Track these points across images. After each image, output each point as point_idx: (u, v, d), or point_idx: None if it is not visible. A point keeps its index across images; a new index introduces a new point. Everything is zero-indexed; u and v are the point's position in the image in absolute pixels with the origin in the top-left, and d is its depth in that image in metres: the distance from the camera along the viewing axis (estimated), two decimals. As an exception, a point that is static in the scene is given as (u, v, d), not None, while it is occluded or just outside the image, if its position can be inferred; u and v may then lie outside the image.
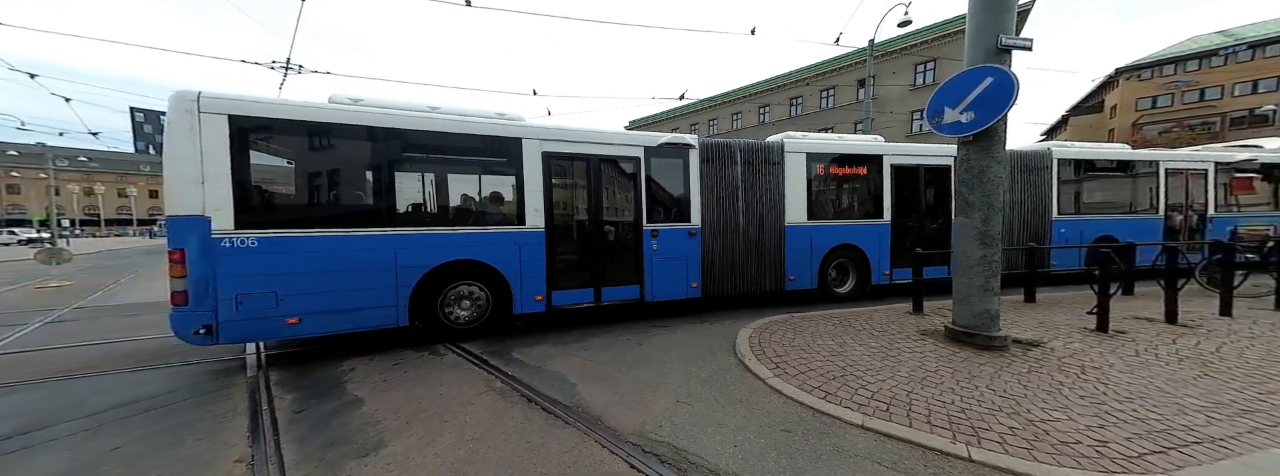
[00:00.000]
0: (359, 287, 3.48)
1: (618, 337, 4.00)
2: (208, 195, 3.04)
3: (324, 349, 3.79)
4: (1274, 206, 7.46)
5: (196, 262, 3.02)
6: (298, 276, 3.28)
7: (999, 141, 3.23)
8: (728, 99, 31.70)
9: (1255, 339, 3.39)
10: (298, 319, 3.30)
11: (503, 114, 4.17)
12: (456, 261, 3.80)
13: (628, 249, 4.49)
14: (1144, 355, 3.07)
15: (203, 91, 3.07)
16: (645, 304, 4.58)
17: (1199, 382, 2.57)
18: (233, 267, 3.11)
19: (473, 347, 3.74)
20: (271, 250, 3.21)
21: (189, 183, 3.01)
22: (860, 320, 4.24)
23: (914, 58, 21.56)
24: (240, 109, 3.15)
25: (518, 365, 3.32)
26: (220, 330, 3.08)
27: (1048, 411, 2.24)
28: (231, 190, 3.11)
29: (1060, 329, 3.77)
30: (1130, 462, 1.79)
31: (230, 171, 3.10)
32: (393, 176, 3.66)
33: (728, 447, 2.04)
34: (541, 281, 4.11)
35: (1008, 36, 3.10)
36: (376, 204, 3.60)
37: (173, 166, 3.01)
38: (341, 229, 3.46)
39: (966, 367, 2.87)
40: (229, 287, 3.09)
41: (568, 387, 2.83)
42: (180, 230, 3.01)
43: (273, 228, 3.26)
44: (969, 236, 3.32)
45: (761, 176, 5.02)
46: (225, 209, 3.09)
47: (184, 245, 3.00)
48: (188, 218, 3.01)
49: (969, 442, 1.97)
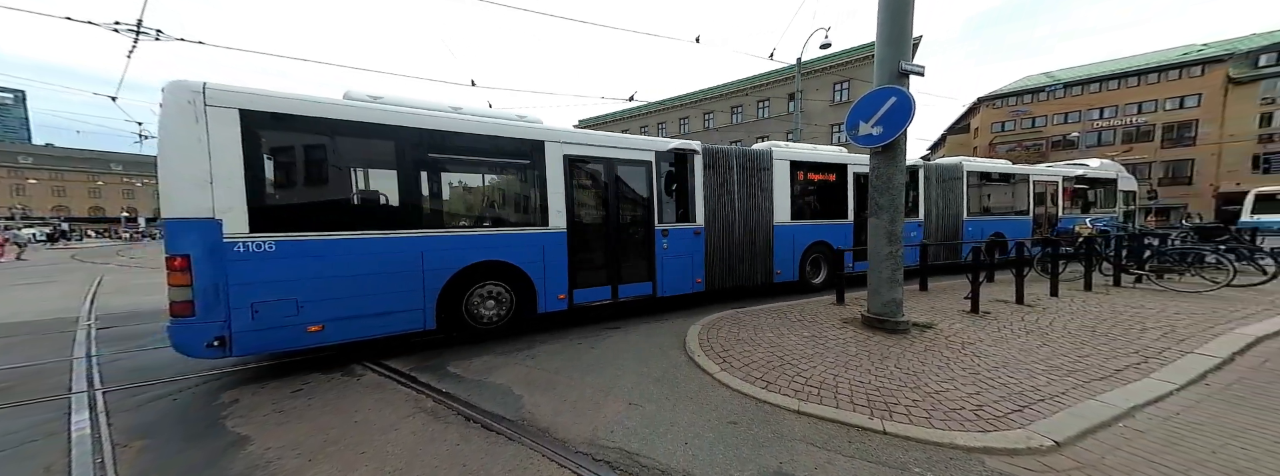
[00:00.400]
0: (385, 291, 3.36)
1: (569, 343, 3.87)
2: (218, 196, 2.80)
3: (204, 382, 3.10)
4: (1104, 208, 10.22)
5: (204, 269, 2.75)
6: (320, 281, 3.11)
7: (901, 153, 3.75)
8: (676, 104, 32.72)
9: (1073, 314, 4.37)
10: (320, 326, 3.13)
11: (524, 116, 4.27)
12: (483, 262, 3.79)
13: (641, 248, 4.72)
14: (1003, 331, 3.78)
15: (208, 82, 2.79)
16: (657, 299, 4.85)
17: (1040, 351, 3.23)
18: (248, 274, 2.88)
19: (398, 365, 3.34)
20: (291, 254, 3.01)
21: (194, 182, 2.75)
22: (795, 312, 4.62)
23: (833, 76, 24.33)
24: (253, 103, 2.93)
25: (454, 380, 3.03)
26: (234, 342, 2.85)
27: (940, 383, 2.64)
28: (245, 191, 2.88)
29: (946, 312, 4.49)
30: (1000, 421, 2.18)
31: (243, 170, 2.87)
32: (418, 177, 3.57)
33: (679, 446, 2.07)
34: (564, 280, 4.21)
35: (906, 63, 3.62)
36: (402, 205, 3.49)
37: (173, 164, 2.72)
38: (366, 232, 3.31)
39: (879, 350, 3.28)
40: (243, 295, 2.87)
41: (512, 400, 2.65)
42: (184, 234, 2.74)
43: (291, 230, 3.04)
44: (879, 235, 3.81)
45: (754, 181, 5.50)
46: (238, 211, 2.86)
47: (188, 250, 2.73)
48: (193, 220, 2.75)
49: (883, 417, 2.24)
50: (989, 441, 1.99)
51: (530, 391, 2.77)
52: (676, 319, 4.63)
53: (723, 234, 5.26)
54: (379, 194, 3.53)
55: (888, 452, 1.97)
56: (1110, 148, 31.68)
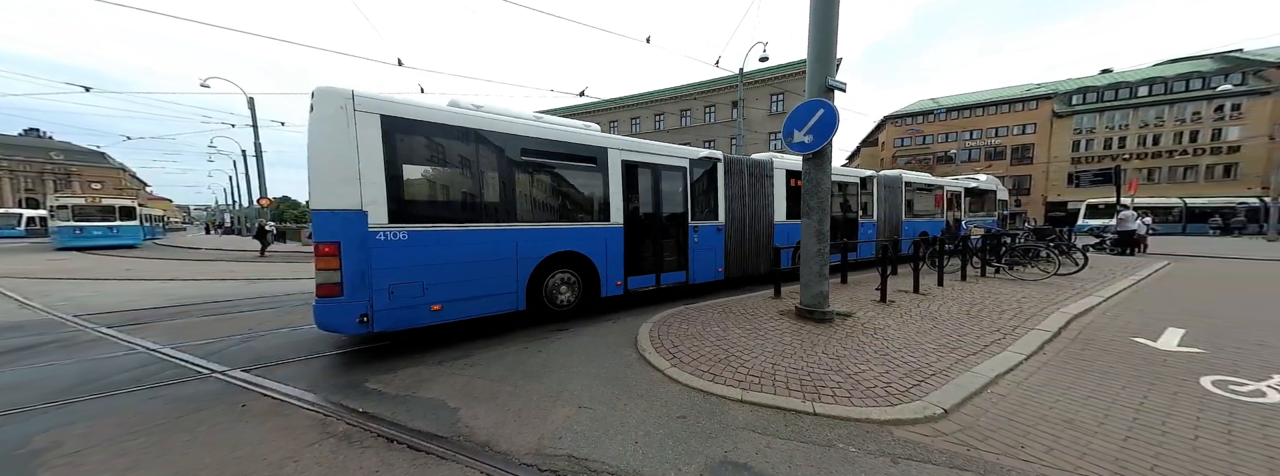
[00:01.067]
0: (488, 276, 3.84)
1: (512, 347, 3.64)
2: (365, 191, 3.16)
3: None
4: (986, 213, 13.11)
5: (352, 255, 3.11)
6: (440, 267, 3.52)
7: (828, 160, 4.16)
8: (629, 103, 32.80)
9: (954, 300, 5.24)
10: (440, 306, 3.54)
11: (589, 126, 4.91)
12: (561, 252, 4.35)
13: (677, 241, 5.51)
14: (905, 317, 4.40)
15: (355, 90, 3.17)
16: (689, 286, 5.64)
17: (932, 333, 3.81)
18: (386, 259, 3.25)
19: (298, 386, 2.87)
20: (418, 243, 3.41)
21: (343, 179, 3.10)
22: (738, 307, 4.89)
23: (770, 88, 26.29)
24: (391, 109, 3.31)
25: (375, 398, 2.68)
26: (375, 319, 3.21)
27: (858, 366, 2.98)
28: (385, 186, 3.25)
29: (862, 302, 5.10)
30: (904, 395, 2.51)
31: (384, 168, 3.25)
32: (513, 177, 4.06)
33: (629, 445, 2.05)
34: (620, 269, 4.87)
35: (832, 79, 4.02)
36: (502, 201, 3.98)
37: (324, 162, 3.08)
38: (475, 224, 3.78)
39: (810, 338, 3.60)
40: (383, 278, 3.23)
41: (446, 414, 2.41)
42: (334, 224, 3.09)
43: (419, 222, 3.44)
44: (810, 234, 4.18)
45: (760, 185, 6.49)
46: (380, 204, 3.23)
47: (338, 238, 3.08)
48: (343, 211, 3.10)
49: (814, 399, 2.46)
50: (895, 414, 2.29)
51: (468, 403, 2.55)
52: (628, 317, 4.63)
53: (738, 230, 6.14)
54: (485, 190, 3.93)
55: (818, 431, 2.16)
56: (977, 164, 38.83)
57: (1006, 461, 1.88)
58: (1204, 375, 2.80)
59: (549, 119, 4.58)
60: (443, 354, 3.48)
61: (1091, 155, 36.18)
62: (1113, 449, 1.96)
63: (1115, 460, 1.87)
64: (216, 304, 5.82)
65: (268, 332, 4.27)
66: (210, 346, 3.82)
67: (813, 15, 4.01)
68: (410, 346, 3.67)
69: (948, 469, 1.84)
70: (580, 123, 4.84)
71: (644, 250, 5.14)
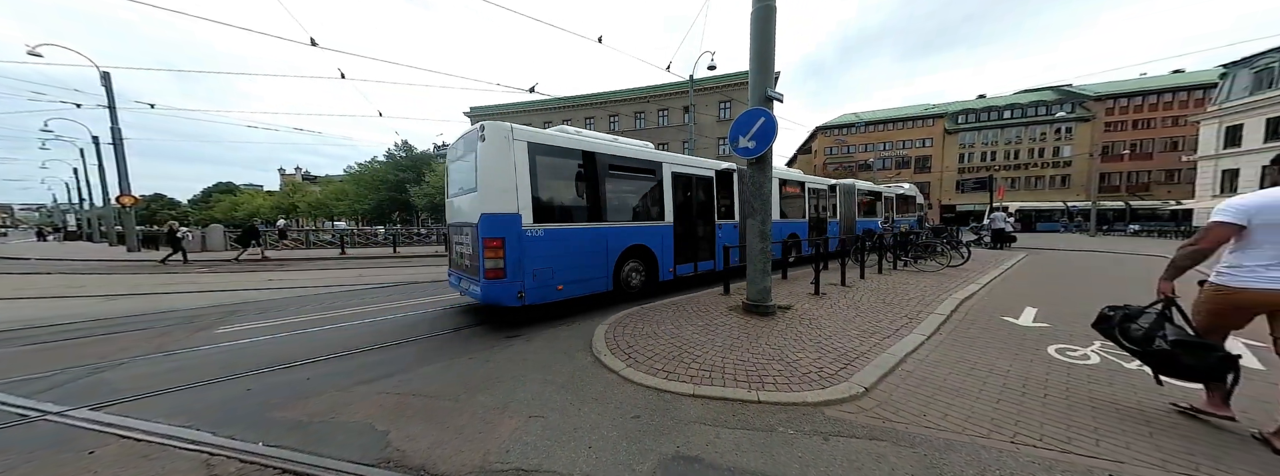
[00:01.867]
0: (590, 264, 4.94)
1: (459, 358, 3.39)
2: (519, 199, 4.26)
3: None
4: (911, 214, 16.13)
5: (512, 247, 4.19)
6: (562, 256, 4.65)
7: (769, 164, 4.48)
8: (584, 102, 32.22)
9: (874, 291, 5.95)
10: (562, 287, 4.62)
11: (647, 145, 6.31)
12: (634, 245, 5.46)
13: (709, 236, 6.83)
14: (833, 307, 4.89)
15: (513, 126, 4.31)
16: (716, 272, 6.75)
17: (856, 320, 4.29)
18: (532, 250, 4.35)
19: (174, 422, 2.38)
20: (550, 238, 4.54)
21: (505, 190, 4.19)
22: (691, 304, 5.06)
23: (718, 96, 27.64)
24: (532, 137, 4.46)
25: (281, 428, 2.31)
26: (527, 295, 4.31)
27: (796, 354, 3.24)
28: (530, 195, 4.36)
29: (798, 295, 5.57)
30: (834, 377, 2.79)
31: (529, 182, 4.35)
32: (603, 186, 5.14)
33: (582, 451, 2.01)
34: (671, 258, 6.07)
35: (771, 90, 4.34)
36: (597, 205, 5.06)
37: (491, 177, 4.17)
38: (582, 223, 4.91)
39: (755, 332, 3.84)
40: (530, 264, 4.33)
41: (374, 439, 2.17)
42: (498, 224, 4.15)
43: (550, 222, 4.57)
44: (754, 233, 4.46)
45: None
46: (527, 209, 4.33)
47: (502, 234, 4.15)
48: (505, 215, 4.19)
49: (758, 388, 2.63)
50: (826, 395, 2.54)
51: (399, 424, 2.32)
52: (582, 321, 4.56)
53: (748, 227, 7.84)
54: (588, 197, 5.02)
55: (761, 418, 2.32)
56: (890, 171, 44.63)
57: (914, 429, 2.18)
58: (1050, 344, 3.50)
59: (622, 140, 5.90)
60: (369, 372, 3.13)
61: (973, 166, 43.62)
62: (988, 410, 2.37)
63: (990, 419, 2.26)
64: (54, 328, 4.60)
65: (131, 360, 3.48)
66: (40, 382, 3.01)
67: (753, 32, 4.29)
68: (331, 369, 3.24)
69: (868, 440, 2.09)
70: (639, 141, 6.19)
71: (687, 243, 6.41)
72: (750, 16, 4.29)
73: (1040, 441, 2.04)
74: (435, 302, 5.77)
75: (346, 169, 39.07)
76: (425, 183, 30.16)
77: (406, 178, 33.00)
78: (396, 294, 6.48)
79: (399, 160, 34.51)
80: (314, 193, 44.85)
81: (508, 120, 15.36)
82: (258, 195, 56.38)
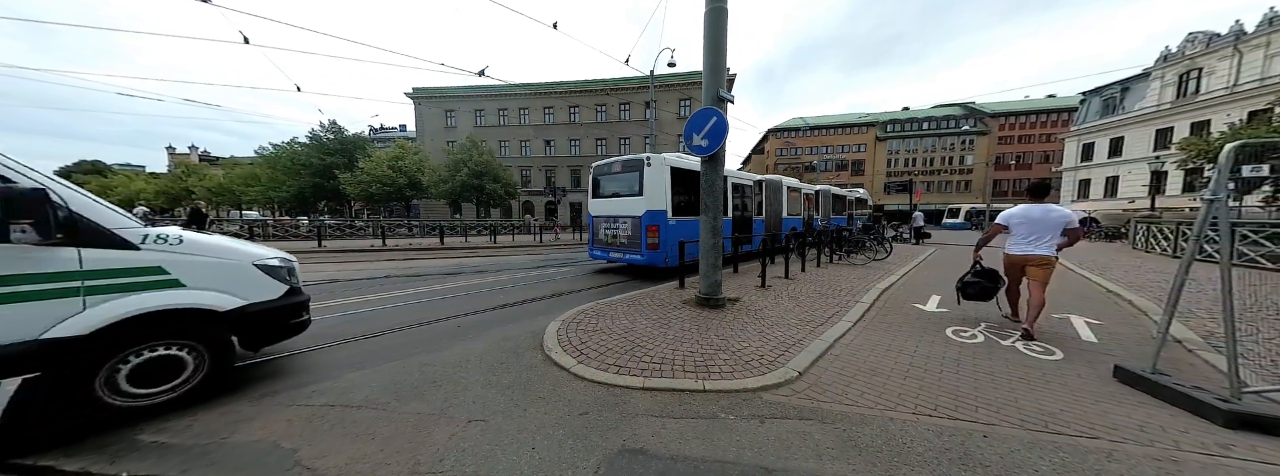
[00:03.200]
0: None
1: (391, 363, 3.12)
2: (668, 202, 7.23)
3: None
4: (862, 213, 19.38)
5: (663, 230, 7.16)
6: (687, 235, 7.07)
7: (722, 162, 4.66)
8: (543, 90, 30.78)
9: (813, 283, 6.48)
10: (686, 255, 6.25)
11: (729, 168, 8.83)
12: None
13: (749, 226, 9.72)
14: (777, 298, 5.26)
15: (666, 155, 7.39)
16: (752, 251, 9.67)
17: (795, 311, 4.65)
18: (672, 233, 7.19)
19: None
20: (680, 225, 7.41)
21: (659, 196, 7.20)
22: (646, 299, 5.14)
23: (678, 94, 27.97)
24: (673, 161, 7.36)
25: (156, 454, 1.97)
26: (671, 260, 6.77)
27: (742, 343, 3.45)
28: (671, 199, 7.28)
29: (747, 288, 5.91)
30: (772, 364, 3.01)
31: (670, 190, 7.29)
32: (698, 189, 6.12)
33: (524, 453, 1.97)
34: (729, 240, 7.92)
35: (722, 91, 4.49)
36: (700, 204, 5.84)
37: (654, 188, 7.20)
38: (693, 216, 7.43)
39: (706, 323, 4.01)
40: (672, 241, 6.81)
41: (278, 458, 1.93)
42: (656, 216, 7.18)
43: (678, 216, 7.47)
44: (707, 229, 4.63)
45: (778, 194, 11.24)
46: (669, 208, 7.26)
47: (658, 223, 7.16)
48: (659, 210, 7.19)
49: (704, 378, 2.76)
50: (765, 381, 2.73)
51: (311, 440, 2.08)
52: (539, 317, 4.43)
53: (771, 220, 10.99)
54: (696, 199, 6.15)
55: (706, 406, 2.44)
56: (831, 173, 48.55)
57: (839, 408, 2.43)
58: (947, 327, 4.08)
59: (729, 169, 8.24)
60: (280, 383, 2.78)
61: (898, 171, 49.19)
62: (896, 386, 2.71)
63: (897, 394, 2.59)
64: None
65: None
66: None
67: (706, 33, 4.39)
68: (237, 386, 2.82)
69: (798, 420, 2.29)
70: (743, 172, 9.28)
71: (738, 230, 9.15)
72: (703, 17, 4.38)
73: (934, 411, 2.38)
74: (363, 302, 5.27)
75: (259, 150, 33.83)
76: (359, 169, 27.04)
77: (335, 162, 29.39)
78: (323, 293, 5.80)
79: (325, 142, 30.55)
80: (216, 176, 38.25)
81: (459, 106, 23.69)
82: (138, 177, 46.92)
